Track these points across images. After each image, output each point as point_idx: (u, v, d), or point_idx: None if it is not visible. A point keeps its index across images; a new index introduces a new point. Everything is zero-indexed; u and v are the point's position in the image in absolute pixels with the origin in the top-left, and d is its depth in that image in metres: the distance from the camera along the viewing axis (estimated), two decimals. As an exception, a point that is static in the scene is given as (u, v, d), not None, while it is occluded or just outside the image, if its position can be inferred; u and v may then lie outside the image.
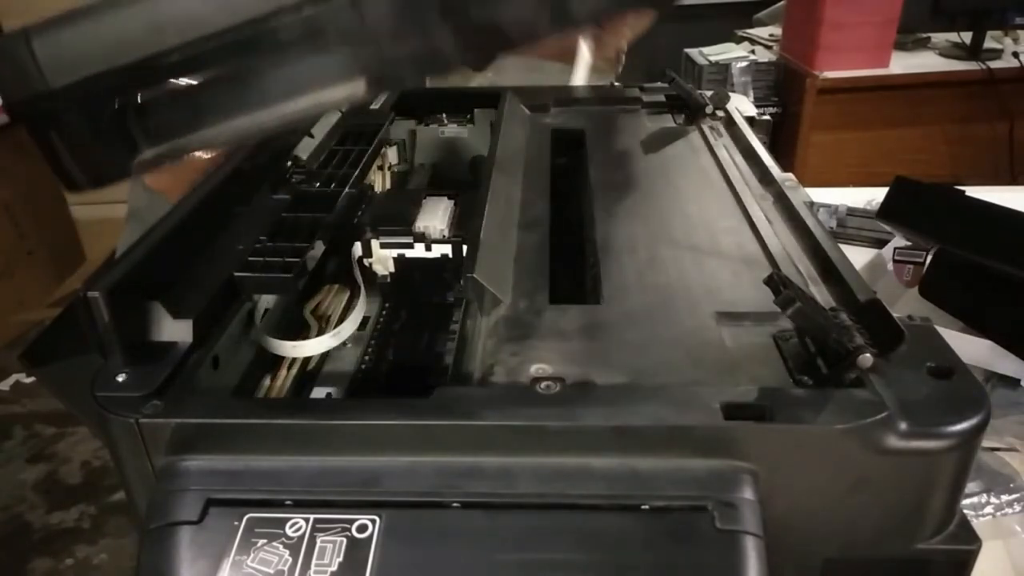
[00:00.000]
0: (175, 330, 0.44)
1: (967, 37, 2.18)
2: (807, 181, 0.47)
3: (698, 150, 0.75)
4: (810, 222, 0.58)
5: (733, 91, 2.08)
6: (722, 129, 0.80)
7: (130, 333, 0.43)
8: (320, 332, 0.53)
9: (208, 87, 0.35)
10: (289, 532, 0.37)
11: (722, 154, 0.73)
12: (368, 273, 0.60)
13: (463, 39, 0.33)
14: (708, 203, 0.65)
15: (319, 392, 0.52)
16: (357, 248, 0.59)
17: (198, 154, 0.38)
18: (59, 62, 0.33)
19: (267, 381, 0.50)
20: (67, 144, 0.35)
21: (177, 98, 0.35)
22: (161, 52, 0.33)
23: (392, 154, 0.81)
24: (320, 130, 0.69)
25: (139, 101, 0.35)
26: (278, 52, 0.34)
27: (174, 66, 0.34)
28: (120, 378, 0.41)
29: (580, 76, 0.86)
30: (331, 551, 0.37)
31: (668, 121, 0.83)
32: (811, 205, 0.63)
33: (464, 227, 0.59)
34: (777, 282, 0.42)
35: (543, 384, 0.41)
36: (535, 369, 0.45)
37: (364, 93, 0.35)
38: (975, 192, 0.81)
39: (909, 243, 0.90)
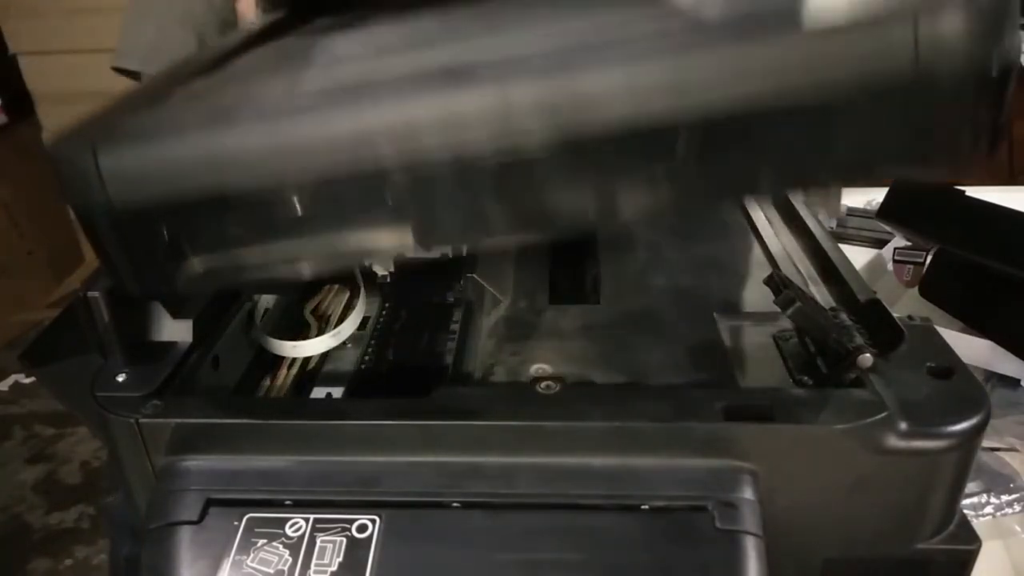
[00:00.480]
0: (175, 330, 0.44)
1: (967, 37, 2.18)
2: (807, 181, 0.47)
3: None
4: (810, 222, 0.58)
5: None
6: None
7: (130, 333, 0.43)
8: (320, 332, 0.53)
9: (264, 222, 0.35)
10: (289, 532, 0.37)
11: None
12: (368, 273, 0.60)
13: (513, 221, 0.34)
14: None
15: (319, 392, 0.52)
16: None
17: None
18: (123, 181, 0.33)
19: (267, 381, 0.50)
20: (120, 251, 0.35)
21: (233, 226, 0.35)
22: (231, 191, 0.33)
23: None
24: None
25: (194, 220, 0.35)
26: (339, 200, 0.34)
27: (238, 201, 0.34)
28: (120, 378, 0.41)
29: None
30: (331, 551, 0.37)
31: None
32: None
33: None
34: (777, 282, 0.42)
35: (543, 384, 0.41)
36: (535, 369, 0.45)
37: (411, 248, 0.35)
38: (974, 192, 0.82)
39: (909, 243, 0.90)
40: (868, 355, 0.40)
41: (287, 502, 0.38)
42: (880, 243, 0.99)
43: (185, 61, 0.45)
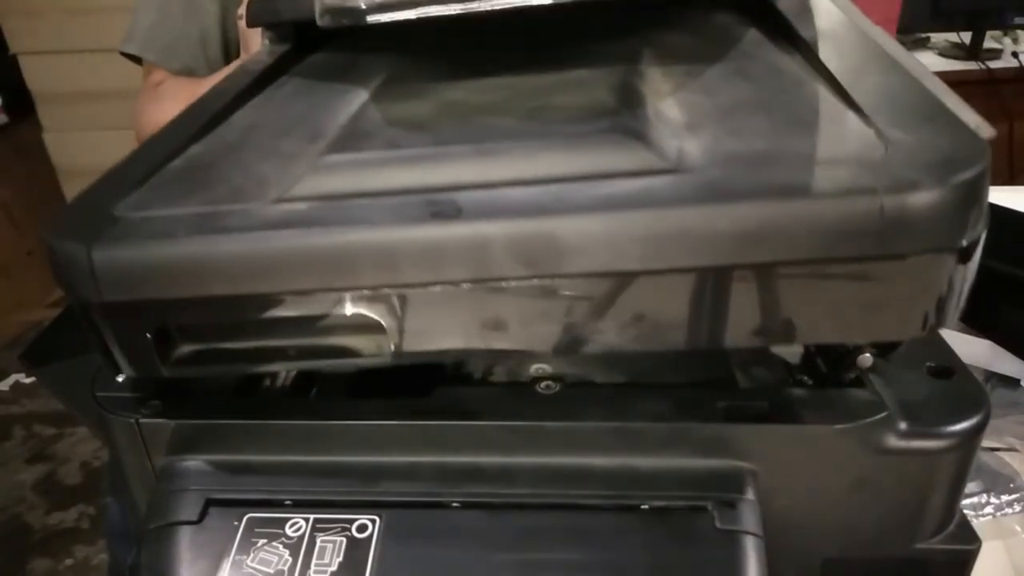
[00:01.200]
0: None
1: (966, 37, 2.18)
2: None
3: None
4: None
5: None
6: None
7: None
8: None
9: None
10: (289, 532, 0.37)
11: None
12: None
13: (489, 343, 0.36)
14: None
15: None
16: None
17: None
18: (115, 279, 0.34)
19: (267, 381, 0.50)
20: (112, 340, 0.37)
21: (215, 315, 0.37)
22: (215, 295, 0.35)
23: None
24: None
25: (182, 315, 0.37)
26: (314, 314, 0.36)
27: (223, 303, 0.35)
28: (120, 378, 0.41)
29: None
30: (331, 551, 0.37)
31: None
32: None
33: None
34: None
35: (543, 384, 0.41)
36: (535, 369, 0.45)
37: (389, 359, 0.37)
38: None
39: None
40: (868, 355, 0.40)
41: (287, 502, 0.38)
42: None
43: (180, 118, 0.47)
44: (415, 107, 0.44)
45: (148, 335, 0.36)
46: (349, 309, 0.35)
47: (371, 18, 0.42)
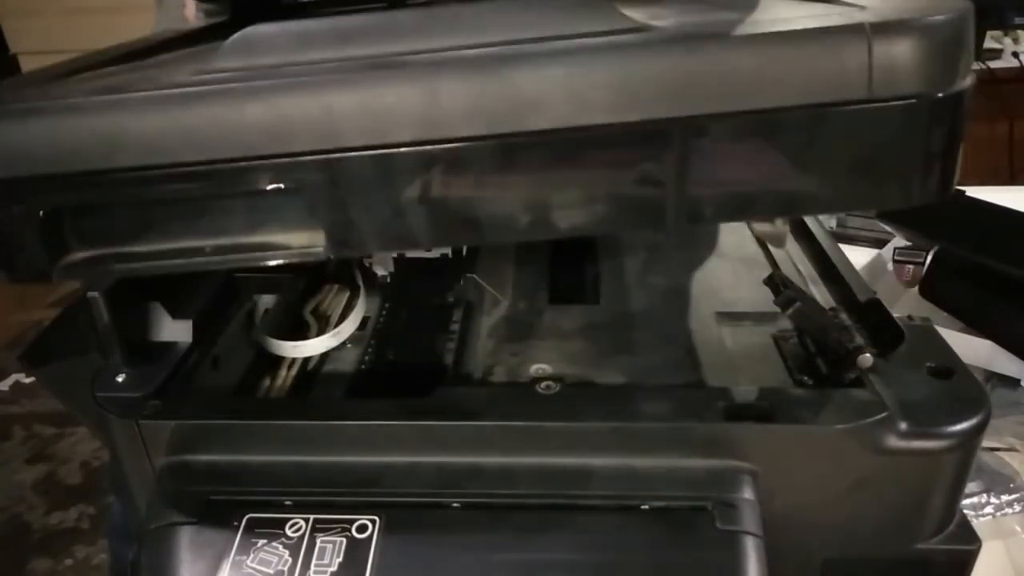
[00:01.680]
0: (175, 330, 0.44)
1: (967, 37, 2.18)
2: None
3: None
4: (810, 222, 0.58)
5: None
6: None
7: (130, 333, 0.43)
8: (320, 332, 0.53)
9: (156, 204, 0.32)
10: (289, 532, 0.37)
11: None
12: (368, 273, 0.60)
13: (438, 228, 0.31)
14: None
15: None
16: None
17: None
18: (4, 153, 0.30)
19: (267, 381, 0.50)
20: None
21: (120, 208, 0.32)
22: (113, 169, 0.30)
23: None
24: None
25: (77, 204, 0.32)
26: (240, 190, 0.31)
27: (125, 182, 0.30)
28: (120, 378, 0.41)
29: None
30: (331, 551, 0.37)
31: None
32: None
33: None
34: (777, 282, 0.42)
35: (543, 384, 0.41)
36: (535, 369, 0.45)
37: (323, 250, 0.32)
38: (974, 192, 0.81)
39: (909, 243, 0.90)
40: (868, 355, 0.40)
41: (287, 502, 0.38)
42: (880, 243, 0.99)
43: (103, 50, 0.42)
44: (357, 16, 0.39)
45: (37, 221, 0.31)
46: (279, 191, 0.30)
47: None
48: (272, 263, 0.33)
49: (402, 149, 0.29)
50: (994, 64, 2.12)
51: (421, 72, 0.29)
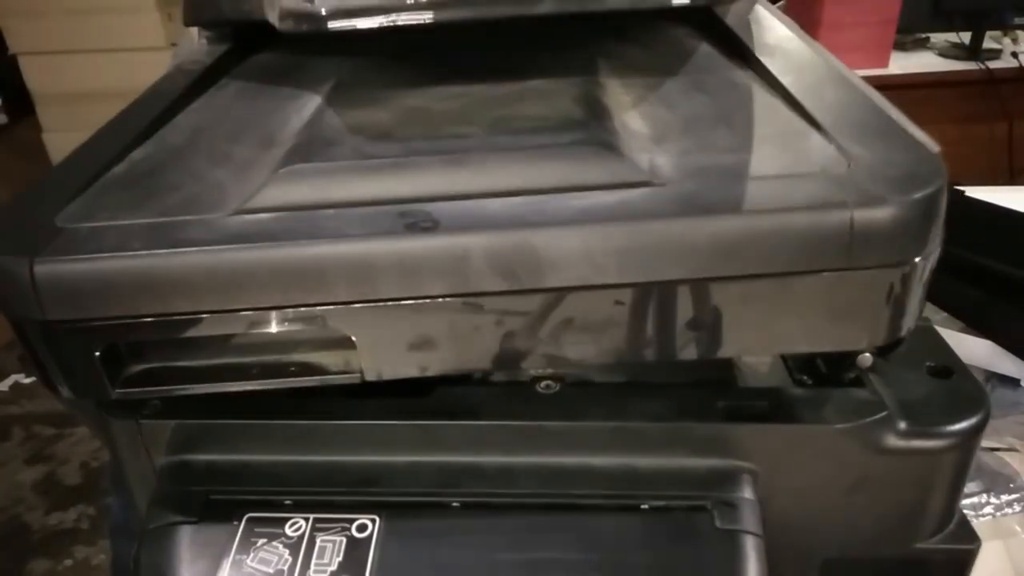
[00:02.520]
0: None
1: (966, 37, 2.18)
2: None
3: None
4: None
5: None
6: None
7: None
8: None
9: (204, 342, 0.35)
10: (289, 532, 0.37)
11: None
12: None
13: (461, 360, 0.35)
14: None
15: None
16: None
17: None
18: (60, 297, 0.32)
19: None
20: (52, 361, 0.34)
21: (173, 342, 0.35)
22: (171, 314, 0.33)
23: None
24: None
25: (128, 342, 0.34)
26: (282, 331, 0.34)
27: (177, 325, 0.33)
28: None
29: None
30: (331, 551, 0.36)
31: None
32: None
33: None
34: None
35: (543, 384, 0.41)
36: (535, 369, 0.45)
37: (359, 376, 0.36)
38: (974, 192, 0.81)
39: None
40: (868, 355, 0.40)
41: (287, 502, 0.38)
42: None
43: (118, 120, 0.44)
44: (375, 114, 0.42)
45: (95, 356, 0.34)
46: (318, 326, 0.33)
47: (333, 24, 0.39)
48: (312, 384, 0.36)
49: (433, 300, 0.32)
50: (993, 64, 2.12)
51: (451, 235, 0.32)
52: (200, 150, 0.41)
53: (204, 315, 0.33)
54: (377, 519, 0.37)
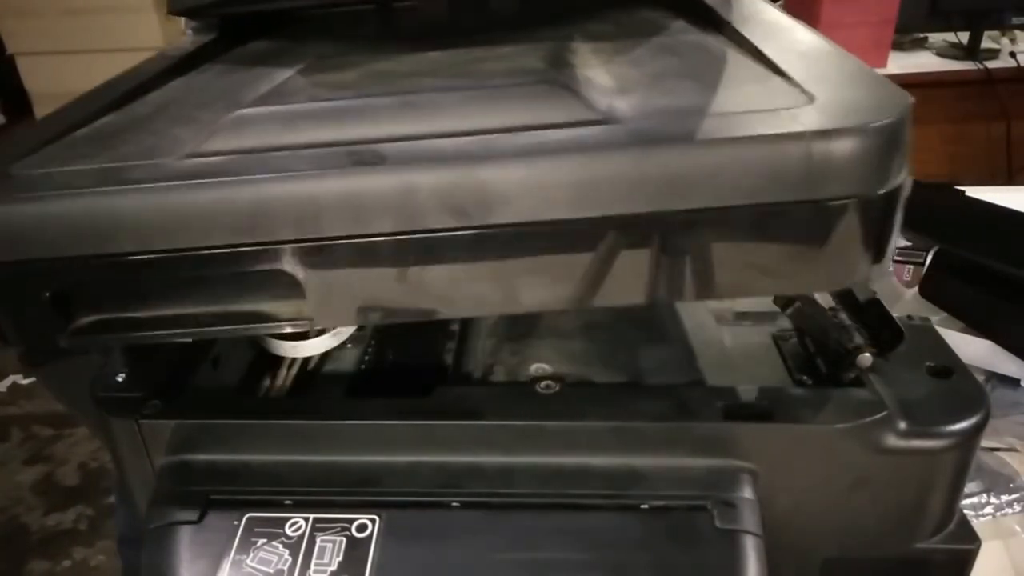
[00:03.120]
0: None
1: (964, 37, 2.18)
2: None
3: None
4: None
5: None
6: None
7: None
8: (320, 332, 0.53)
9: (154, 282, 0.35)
10: (289, 532, 0.37)
11: None
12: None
13: (416, 304, 0.34)
14: None
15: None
16: None
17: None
18: (5, 239, 0.32)
19: (267, 381, 0.50)
20: (1, 305, 0.34)
21: (121, 284, 0.34)
22: (111, 254, 0.32)
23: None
24: None
25: (78, 283, 0.34)
26: (230, 272, 0.33)
27: (123, 266, 0.33)
28: (120, 378, 0.41)
29: None
30: (331, 551, 0.36)
31: None
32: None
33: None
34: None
35: (543, 384, 0.41)
36: (535, 369, 0.45)
37: (309, 322, 0.35)
38: (973, 192, 0.81)
39: (909, 243, 0.90)
40: (868, 355, 0.40)
41: (287, 502, 0.38)
42: (879, 243, 0.99)
43: (89, 95, 0.44)
44: (341, 75, 0.42)
45: (44, 299, 0.33)
46: (266, 268, 0.32)
47: (224, 9, 0.40)
48: (263, 332, 0.35)
49: (379, 239, 0.31)
50: (991, 64, 2.12)
51: (398, 170, 0.31)
52: (165, 115, 0.40)
53: (152, 256, 0.32)
54: (377, 519, 0.37)
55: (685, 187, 0.30)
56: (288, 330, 0.34)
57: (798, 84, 0.34)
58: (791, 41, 0.40)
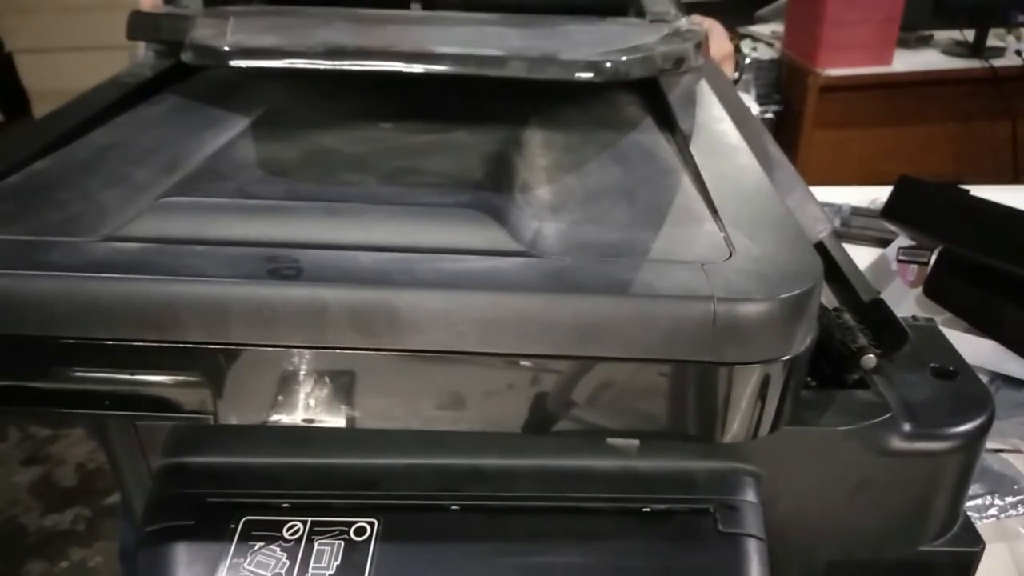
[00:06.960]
0: None
1: (970, 35, 2.18)
2: (810, 180, 0.47)
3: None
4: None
5: (734, 90, 2.08)
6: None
7: None
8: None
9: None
10: (286, 535, 0.37)
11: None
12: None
13: (324, 413, 0.34)
14: None
15: None
16: None
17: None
18: None
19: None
20: None
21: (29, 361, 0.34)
22: (18, 336, 0.32)
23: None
24: None
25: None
26: (137, 366, 0.33)
27: (29, 347, 0.32)
28: None
29: None
30: (329, 554, 0.36)
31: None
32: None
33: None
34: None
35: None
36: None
37: (212, 419, 0.35)
38: (979, 191, 0.81)
39: (913, 243, 0.90)
40: (872, 356, 0.40)
41: (284, 504, 0.38)
42: (884, 242, 0.99)
43: (35, 126, 0.44)
44: (283, 150, 0.42)
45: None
46: (171, 364, 0.33)
47: (234, 63, 0.40)
48: (164, 420, 0.36)
49: (288, 349, 0.32)
50: (997, 62, 2.12)
51: (312, 286, 0.31)
52: (102, 168, 0.40)
53: (56, 340, 0.32)
54: (376, 522, 0.37)
55: (592, 337, 0.31)
56: (189, 423, 0.34)
57: (724, 229, 0.35)
58: (732, 168, 0.41)
